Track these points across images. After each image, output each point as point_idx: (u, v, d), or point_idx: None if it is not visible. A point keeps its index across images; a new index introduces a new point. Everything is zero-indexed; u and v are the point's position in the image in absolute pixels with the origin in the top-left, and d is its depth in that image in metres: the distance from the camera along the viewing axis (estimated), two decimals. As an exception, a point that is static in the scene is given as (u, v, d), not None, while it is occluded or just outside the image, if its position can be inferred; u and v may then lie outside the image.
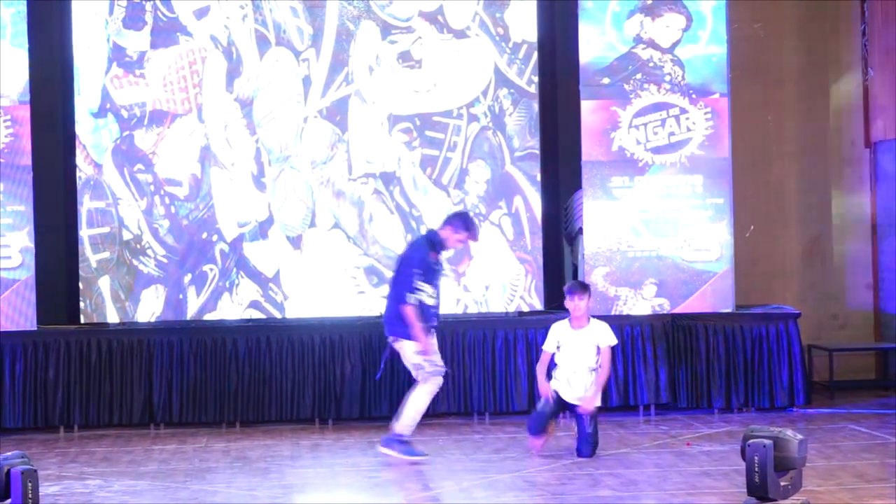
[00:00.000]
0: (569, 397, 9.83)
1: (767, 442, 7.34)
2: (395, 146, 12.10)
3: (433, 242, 9.83)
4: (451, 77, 12.12)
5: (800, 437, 7.45)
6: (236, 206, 12.00)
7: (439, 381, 9.76)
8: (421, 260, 9.71)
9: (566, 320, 9.96)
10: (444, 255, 10.13)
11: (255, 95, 12.03)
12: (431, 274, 9.74)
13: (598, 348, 9.89)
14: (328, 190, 12.06)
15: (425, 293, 9.69)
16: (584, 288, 9.99)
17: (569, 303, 9.90)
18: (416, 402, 9.71)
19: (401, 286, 9.70)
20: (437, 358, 9.77)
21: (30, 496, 7.24)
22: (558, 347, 9.91)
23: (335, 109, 12.07)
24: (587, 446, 9.77)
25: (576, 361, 9.83)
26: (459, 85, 12.13)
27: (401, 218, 12.04)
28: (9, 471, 7.25)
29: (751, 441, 7.45)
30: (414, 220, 11.98)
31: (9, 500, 7.27)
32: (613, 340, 9.95)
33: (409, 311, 9.61)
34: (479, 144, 12.17)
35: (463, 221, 9.92)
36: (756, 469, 7.37)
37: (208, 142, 11.99)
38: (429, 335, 9.73)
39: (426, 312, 9.69)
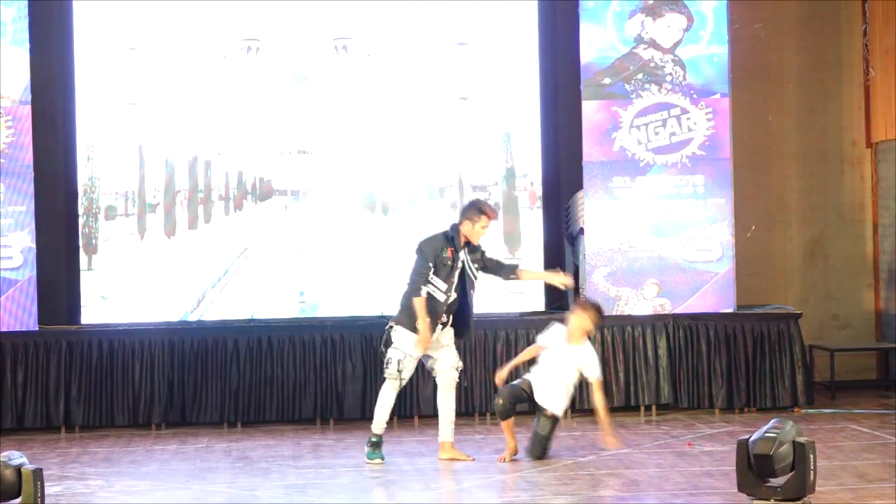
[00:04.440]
0: (538, 398, 9.82)
1: (744, 439, 7.42)
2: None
3: (449, 237, 9.69)
4: (453, 76, 12.15)
5: (783, 444, 7.38)
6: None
7: (388, 385, 9.73)
8: (433, 254, 9.62)
9: (568, 328, 9.91)
10: (470, 250, 9.75)
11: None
12: (444, 269, 9.61)
13: (579, 371, 9.79)
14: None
15: (437, 288, 9.59)
16: (598, 313, 9.88)
17: (575, 317, 9.83)
18: (379, 399, 9.81)
19: (412, 278, 9.65)
20: (410, 369, 9.71)
21: (40, 495, 7.25)
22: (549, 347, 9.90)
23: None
24: (537, 447, 9.76)
25: (553, 371, 9.78)
26: (460, 84, 12.16)
27: (402, 218, 12.08)
28: (20, 469, 7.24)
29: (740, 438, 7.52)
30: (414, 219, 12.00)
31: (18, 499, 7.26)
32: (596, 373, 9.75)
33: (418, 303, 9.55)
34: (481, 144, 12.22)
35: (477, 208, 9.72)
36: (735, 465, 7.46)
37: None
38: (434, 331, 9.66)
39: (435, 307, 9.61)
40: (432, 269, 9.57)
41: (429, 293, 9.58)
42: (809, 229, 13.37)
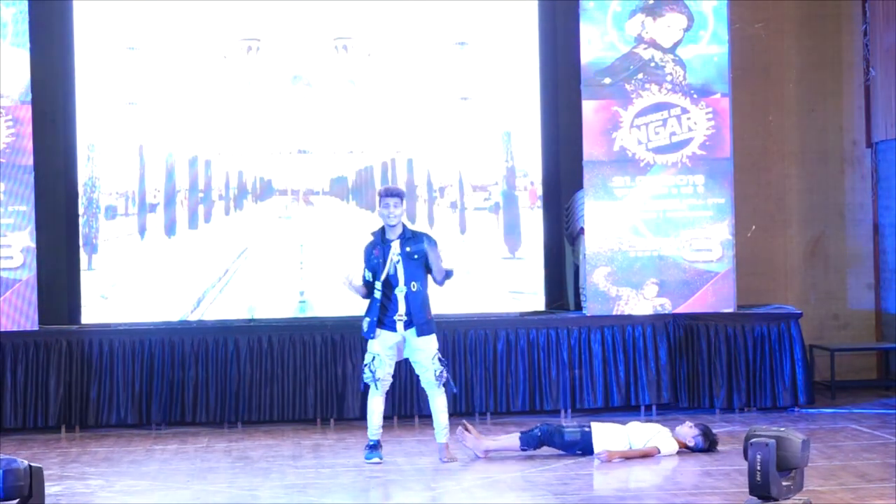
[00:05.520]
0: (595, 437, 9.81)
1: (770, 441, 7.33)
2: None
3: (375, 235, 9.77)
4: (453, 76, 12.15)
5: (802, 437, 7.43)
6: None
7: (371, 391, 9.71)
8: (365, 257, 9.73)
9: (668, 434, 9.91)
10: (401, 245, 9.66)
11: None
12: (379, 268, 9.61)
13: (631, 444, 9.78)
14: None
15: (377, 289, 9.63)
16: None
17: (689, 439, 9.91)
18: (368, 407, 9.80)
19: None
20: (383, 368, 9.67)
21: (42, 494, 7.23)
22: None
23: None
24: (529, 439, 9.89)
25: (630, 435, 9.84)
26: (460, 84, 12.17)
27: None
28: (30, 468, 7.21)
29: (753, 440, 7.44)
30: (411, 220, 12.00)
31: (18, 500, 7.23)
32: (668, 449, 9.72)
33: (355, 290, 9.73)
34: (481, 144, 12.22)
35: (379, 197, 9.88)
36: (758, 468, 7.35)
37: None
38: (387, 330, 9.63)
39: (377, 306, 9.64)
40: (367, 273, 9.65)
41: (374, 295, 9.64)
42: (809, 229, 13.36)
